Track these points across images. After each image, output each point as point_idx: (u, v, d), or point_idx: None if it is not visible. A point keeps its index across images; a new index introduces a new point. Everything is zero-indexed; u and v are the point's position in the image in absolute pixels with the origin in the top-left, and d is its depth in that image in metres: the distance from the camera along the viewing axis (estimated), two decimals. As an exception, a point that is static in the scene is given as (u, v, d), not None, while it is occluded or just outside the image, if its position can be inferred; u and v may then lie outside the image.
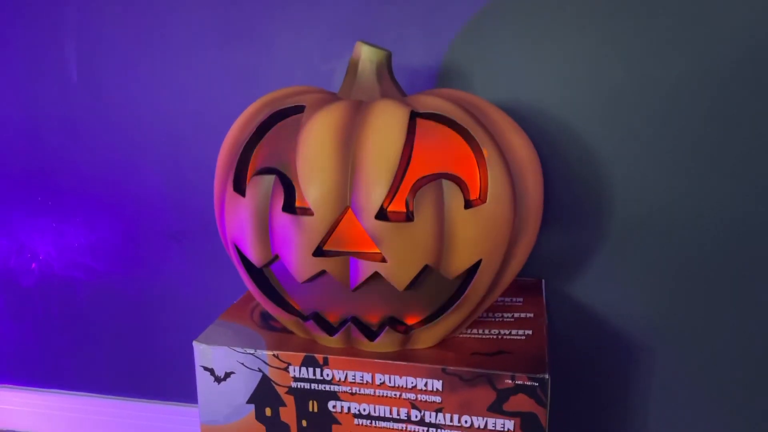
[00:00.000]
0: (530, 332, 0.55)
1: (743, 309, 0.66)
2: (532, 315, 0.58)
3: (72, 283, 0.80)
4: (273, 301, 0.53)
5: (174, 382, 0.81)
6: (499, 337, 0.54)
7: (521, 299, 0.62)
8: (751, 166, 0.63)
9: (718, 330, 0.67)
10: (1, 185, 0.80)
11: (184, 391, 0.82)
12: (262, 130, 0.51)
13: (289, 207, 0.48)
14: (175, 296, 0.78)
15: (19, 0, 0.73)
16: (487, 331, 0.55)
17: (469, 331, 0.55)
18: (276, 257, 0.50)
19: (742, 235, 0.64)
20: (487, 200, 0.47)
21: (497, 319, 0.57)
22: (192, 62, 0.72)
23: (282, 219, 0.48)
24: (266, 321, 0.58)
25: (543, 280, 0.66)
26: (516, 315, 0.58)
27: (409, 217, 0.47)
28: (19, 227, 0.81)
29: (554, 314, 0.70)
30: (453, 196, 0.46)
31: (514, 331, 0.55)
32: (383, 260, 0.47)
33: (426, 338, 0.52)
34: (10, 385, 0.86)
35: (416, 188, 0.47)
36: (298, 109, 0.51)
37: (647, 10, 0.62)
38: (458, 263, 0.47)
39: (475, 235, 0.47)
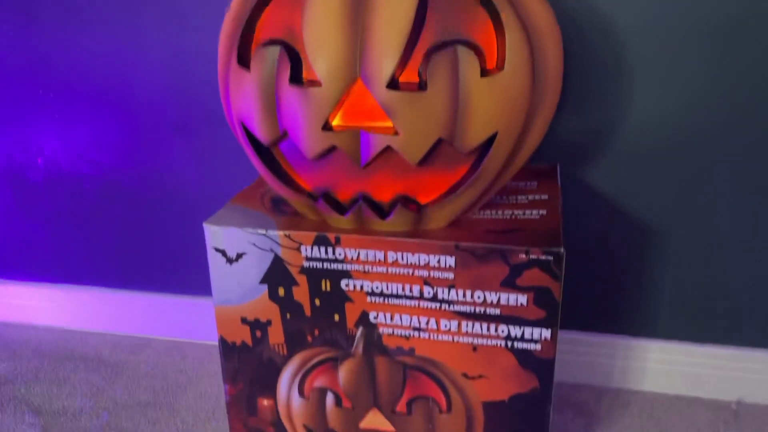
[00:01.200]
0: (544, 212, 0.54)
1: (756, 193, 0.65)
2: (546, 197, 0.57)
3: (79, 177, 0.80)
4: (282, 181, 0.52)
5: (185, 275, 0.82)
6: (513, 216, 0.53)
7: (535, 183, 0.60)
8: (783, 41, 0.59)
9: (732, 213, 0.66)
10: (1, 80, 0.78)
11: (196, 284, 0.83)
12: (265, -2, 0.48)
13: (296, 79, 0.46)
14: (183, 189, 0.78)
15: None
16: (500, 212, 0.54)
17: (482, 213, 0.54)
18: (284, 134, 0.49)
19: (755, 127, 0.62)
20: (505, 68, 0.45)
21: (511, 201, 0.56)
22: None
23: (289, 92, 0.46)
24: (277, 205, 0.57)
25: (558, 165, 0.65)
26: (530, 197, 0.57)
27: (422, 86, 0.45)
28: (23, 122, 0.79)
29: (569, 198, 0.68)
30: (469, 64, 0.44)
31: (528, 212, 0.54)
32: (395, 133, 0.45)
33: (438, 217, 0.51)
34: (25, 281, 0.88)
35: (429, 56, 0.44)
36: (304, -26, 0.47)
37: None
38: (473, 136, 0.46)
39: (491, 105, 0.45)
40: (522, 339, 0.50)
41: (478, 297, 0.50)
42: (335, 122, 0.47)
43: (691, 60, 0.62)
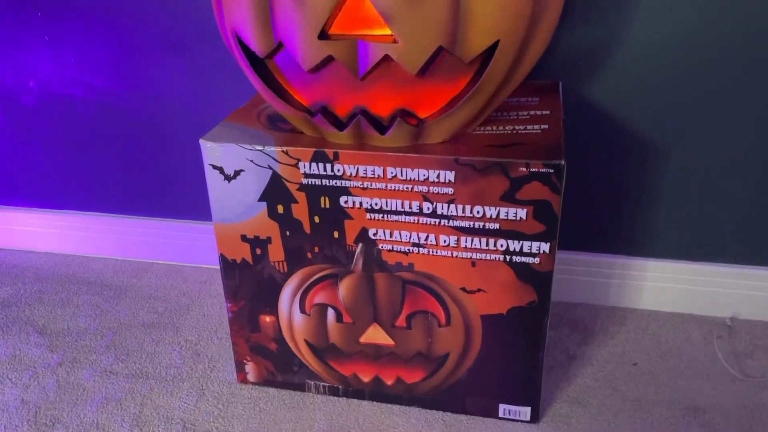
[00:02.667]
0: (546, 126, 0.53)
1: (755, 110, 0.63)
2: (548, 112, 0.56)
3: (72, 101, 0.78)
4: (279, 96, 0.51)
5: (184, 199, 0.82)
6: (514, 131, 0.52)
7: (537, 99, 0.59)
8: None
9: (730, 132, 0.65)
10: (-16, -3, 0.75)
11: (195, 208, 0.82)
12: None
13: (291, -15, 0.44)
14: (178, 109, 0.76)
15: None
16: (501, 128, 0.53)
17: (482, 129, 0.53)
18: (280, 45, 0.47)
19: (762, 41, 0.60)
20: (508, -29, 0.43)
21: (512, 117, 0.55)
22: None
23: (283, 0, 0.44)
24: (274, 123, 0.56)
25: (560, 83, 0.63)
26: (532, 113, 0.56)
27: (421, -10, 0.43)
28: (11, 43, 0.77)
29: (570, 115, 0.67)
30: (470, -34, 0.42)
31: (529, 126, 0.53)
32: (394, 41, 0.44)
33: (438, 131, 0.50)
34: (23, 207, 0.88)
35: (430, -43, 0.42)
36: None
37: None
38: (475, 43, 0.44)
39: (493, 11, 0.43)
40: (521, 253, 0.51)
41: (478, 212, 0.50)
42: (332, 31, 0.45)
43: (701, -31, 0.60)
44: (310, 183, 0.52)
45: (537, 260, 0.50)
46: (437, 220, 0.51)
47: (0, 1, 0.74)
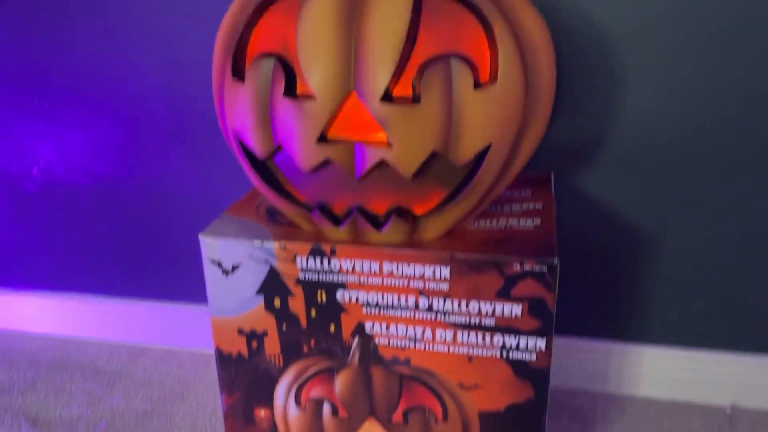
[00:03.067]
0: (539, 221, 0.54)
1: (747, 196, 0.65)
2: (540, 206, 0.57)
3: (75, 186, 0.80)
4: (278, 193, 0.52)
5: (181, 282, 0.82)
6: (507, 226, 0.54)
7: (529, 191, 0.61)
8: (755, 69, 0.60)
9: (723, 218, 0.66)
10: (-5, 88, 0.78)
11: (192, 291, 0.83)
12: (259, 9, 0.48)
13: (291, 92, 0.46)
14: (179, 196, 0.78)
15: None
16: (495, 222, 0.55)
17: (477, 223, 0.55)
18: (279, 147, 0.49)
19: (748, 129, 0.62)
20: (498, 81, 0.45)
21: (505, 210, 0.57)
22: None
23: (283, 105, 0.46)
24: (272, 216, 0.58)
25: (552, 174, 0.65)
26: (524, 206, 0.57)
27: (416, 99, 0.45)
28: (17, 132, 0.79)
29: (563, 205, 0.69)
30: (462, 76, 0.44)
31: (522, 221, 0.54)
32: (389, 146, 0.46)
33: (433, 228, 0.51)
34: (22, 290, 0.88)
35: (423, 69, 0.45)
36: (297, -13, 0.48)
37: None
38: (467, 148, 0.46)
39: (485, 117, 0.45)
40: (517, 349, 0.51)
41: (473, 307, 0.50)
42: (330, 134, 0.47)
43: (683, 66, 0.63)
44: (307, 277, 0.53)
45: (534, 356, 0.50)
46: (434, 315, 0.51)
47: (10, 91, 0.77)
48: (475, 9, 0.45)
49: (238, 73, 0.49)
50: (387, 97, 0.45)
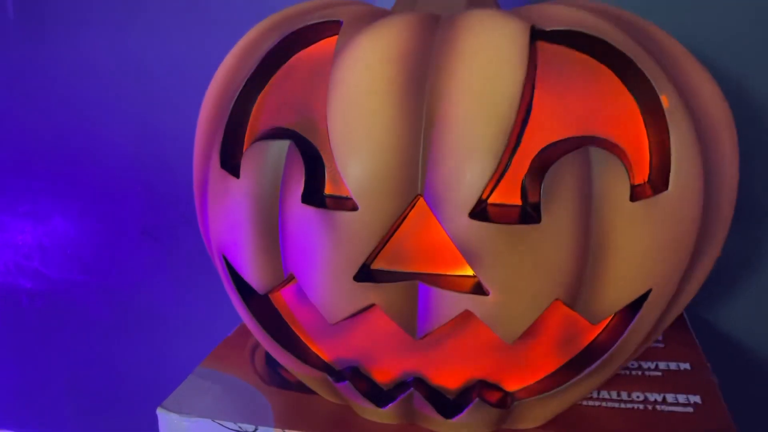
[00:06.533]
0: (697, 399, 0.34)
1: None
2: (688, 366, 0.38)
3: (16, 293, 0.61)
4: (284, 347, 0.33)
5: (147, 419, 0.62)
6: (648, 406, 0.34)
7: (661, 340, 0.41)
8: None
9: None
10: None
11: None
12: (267, 67, 0.31)
13: (314, 195, 0.28)
14: (150, 311, 0.59)
15: None
16: (626, 396, 0.35)
17: (596, 394, 0.35)
18: (290, 278, 0.30)
19: None
20: (669, 187, 0.26)
21: (635, 373, 0.37)
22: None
23: (301, 216, 0.28)
24: (275, 369, 0.38)
25: (684, 313, 0.46)
26: (662, 366, 0.38)
27: (529, 214, 0.26)
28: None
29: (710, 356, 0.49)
30: (611, 178, 0.26)
31: (669, 397, 0.35)
32: (480, 291, 0.27)
33: (536, 414, 0.31)
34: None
35: (543, 163, 0.26)
36: (328, 29, 0.30)
37: None
38: (613, 298, 0.27)
39: (647, 247, 0.26)
40: None
41: None
42: (376, 266, 0.28)
43: None
44: (326, 486, 0.33)
45: None
46: None
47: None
48: (627, 68, 0.27)
49: (230, 163, 0.31)
50: (480, 210, 0.26)
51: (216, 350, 0.41)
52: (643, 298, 0.28)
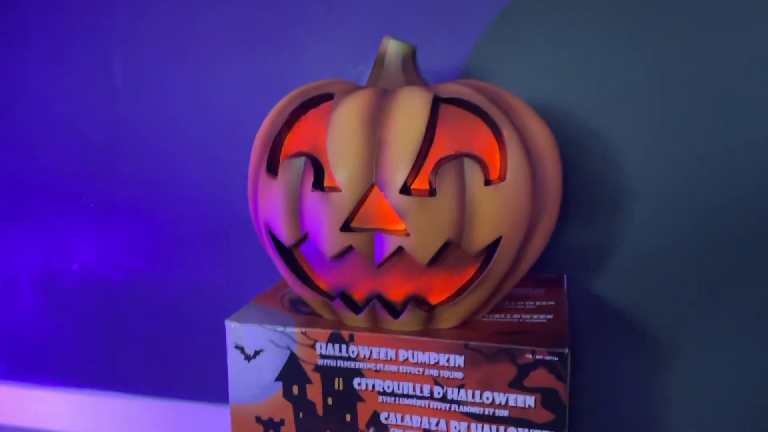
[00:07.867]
0: (551, 316, 0.56)
1: (764, 300, 0.66)
2: (553, 303, 0.59)
3: (110, 282, 0.84)
4: (302, 281, 0.55)
5: (207, 382, 0.83)
6: (521, 320, 0.55)
7: (543, 290, 0.63)
8: (772, 162, 0.64)
9: (743, 325, 0.67)
10: (47, 188, 0.85)
11: (217, 391, 0.83)
12: (293, 117, 0.55)
13: (319, 186, 0.51)
14: (208, 294, 0.81)
15: (73, 12, 0.80)
16: (508, 316, 0.56)
17: (491, 316, 0.57)
18: (306, 236, 0.53)
19: (759, 237, 0.65)
20: (507, 178, 0.49)
21: (519, 306, 0.59)
22: (225, 71, 0.77)
23: (312, 197, 0.51)
24: (295, 306, 0.60)
25: (565, 276, 0.67)
26: (537, 303, 0.59)
27: (432, 192, 0.49)
28: (62, 229, 0.85)
29: (575, 308, 0.70)
30: (474, 174, 0.48)
31: (535, 316, 0.56)
32: (407, 235, 0.49)
33: (449, 317, 0.53)
34: (46, 386, 0.89)
35: (439, 166, 0.49)
36: (328, 97, 0.54)
37: (669, 8, 0.65)
38: (479, 239, 0.49)
39: (495, 211, 0.49)
40: (531, 442, 0.50)
41: (487, 398, 0.51)
42: (353, 224, 0.51)
43: (693, 176, 0.67)
44: (325, 364, 0.54)
45: (548, 450, 0.50)
46: (448, 405, 0.52)
47: (59, 194, 0.84)
48: (486, 117, 0.51)
49: (272, 170, 0.54)
50: (405, 190, 0.49)
51: (258, 297, 0.63)
52: (498, 242, 0.50)
